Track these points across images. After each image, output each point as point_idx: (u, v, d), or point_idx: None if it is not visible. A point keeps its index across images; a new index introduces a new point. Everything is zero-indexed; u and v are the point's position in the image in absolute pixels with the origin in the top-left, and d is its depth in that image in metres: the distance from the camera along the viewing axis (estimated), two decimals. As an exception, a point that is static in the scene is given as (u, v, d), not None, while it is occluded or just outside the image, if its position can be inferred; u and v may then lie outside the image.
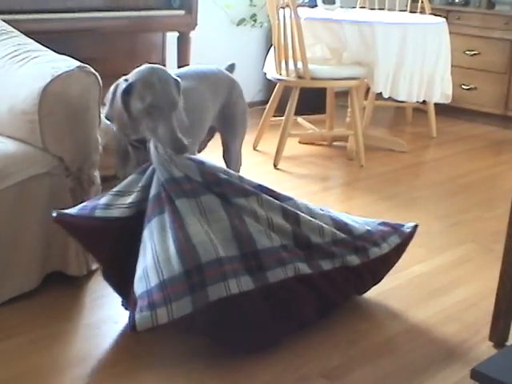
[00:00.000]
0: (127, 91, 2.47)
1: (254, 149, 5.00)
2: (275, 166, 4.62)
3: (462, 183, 4.52)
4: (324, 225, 2.63)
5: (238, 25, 6.01)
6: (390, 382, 2.33)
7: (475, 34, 6.02)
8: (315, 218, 2.64)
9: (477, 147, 5.44)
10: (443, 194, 4.33)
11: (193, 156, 2.54)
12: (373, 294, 2.84)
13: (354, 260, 2.64)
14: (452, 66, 5.20)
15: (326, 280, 2.55)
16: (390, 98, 5.02)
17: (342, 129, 5.22)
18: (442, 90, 5.08)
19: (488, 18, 5.98)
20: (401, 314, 2.78)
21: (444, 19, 5.23)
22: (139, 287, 2.27)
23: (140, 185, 2.49)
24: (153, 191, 2.43)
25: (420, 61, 4.87)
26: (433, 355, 2.50)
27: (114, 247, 2.48)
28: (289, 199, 2.64)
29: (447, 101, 5.21)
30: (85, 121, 2.75)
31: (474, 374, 2.20)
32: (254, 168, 4.58)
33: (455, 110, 6.10)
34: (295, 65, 4.56)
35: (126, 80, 2.50)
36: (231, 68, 3.33)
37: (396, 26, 4.83)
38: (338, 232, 2.65)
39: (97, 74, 2.75)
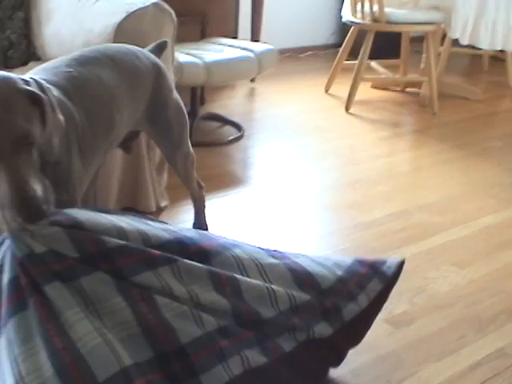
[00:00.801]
0: None
1: (326, 92, 4.97)
2: (347, 109, 4.57)
3: (537, 135, 4.43)
4: (276, 288, 1.82)
5: (313, -35, 5.94)
6: (454, 331, 2.32)
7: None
8: (265, 273, 1.84)
9: (555, 98, 5.31)
10: (517, 145, 4.25)
11: (62, 216, 1.62)
12: (441, 241, 2.82)
13: (324, 329, 1.86)
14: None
15: (285, 365, 1.76)
16: (466, 45, 4.90)
17: (415, 75, 5.15)
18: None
19: None
20: (468, 265, 2.75)
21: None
22: None
23: None
24: (6, 275, 1.55)
25: (504, 8, 4.72)
26: (499, 307, 2.48)
27: None
28: (223, 250, 1.81)
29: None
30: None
31: (542, 327, 2.19)
32: (325, 112, 4.56)
33: (534, 59, 5.92)
34: (371, 8, 4.48)
35: None
36: (159, 48, 2.42)
37: (478, -32, 4.69)
38: (297, 293, 1.85)
39: (172, 11, 2.74)
